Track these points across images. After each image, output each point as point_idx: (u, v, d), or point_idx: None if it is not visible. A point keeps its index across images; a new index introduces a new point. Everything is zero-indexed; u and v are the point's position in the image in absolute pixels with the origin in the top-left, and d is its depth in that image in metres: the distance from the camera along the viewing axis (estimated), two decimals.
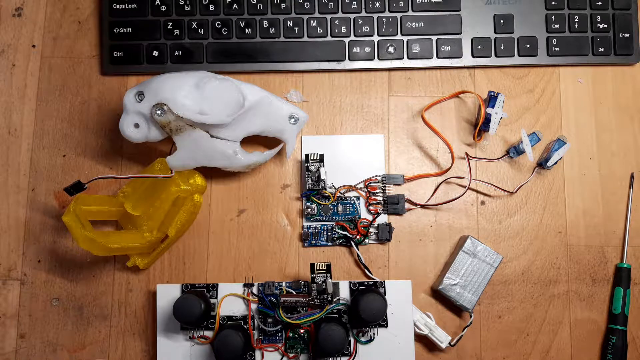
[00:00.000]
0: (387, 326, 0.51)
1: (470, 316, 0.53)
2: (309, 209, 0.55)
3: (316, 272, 0.49)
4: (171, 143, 0.51)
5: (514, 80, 0.58)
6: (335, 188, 0.55)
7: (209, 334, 0.51)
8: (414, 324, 0.52)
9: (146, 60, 0.57)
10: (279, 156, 0.57)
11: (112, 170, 0.57)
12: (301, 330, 0.51)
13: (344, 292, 0.52)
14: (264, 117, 0.52)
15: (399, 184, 0.56)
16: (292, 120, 0.53)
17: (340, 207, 0.55)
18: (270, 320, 0.51)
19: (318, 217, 0.55)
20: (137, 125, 0.50)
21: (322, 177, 0.54)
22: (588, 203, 0.57)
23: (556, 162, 0.54)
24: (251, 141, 0.56)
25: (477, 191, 0.57)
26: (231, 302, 0.52)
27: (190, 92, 0.49)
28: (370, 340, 0.51)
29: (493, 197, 0.57)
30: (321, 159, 0.54)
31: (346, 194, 0.56)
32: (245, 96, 0.51)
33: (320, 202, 0.55)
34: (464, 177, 0.56)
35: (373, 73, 0.58)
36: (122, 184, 0.56)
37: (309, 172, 0.54)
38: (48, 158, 0.57)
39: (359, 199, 0.55)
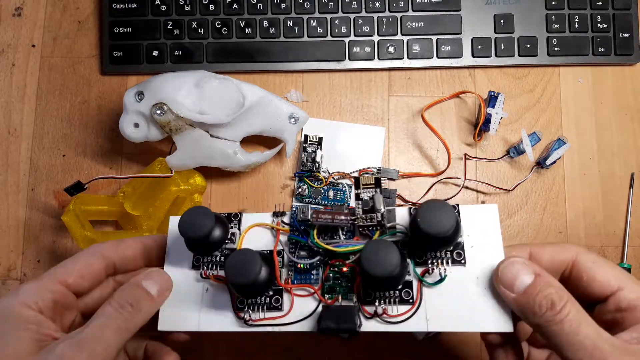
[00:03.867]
0: (464, 263, 0.36)
1: None
2: (300, 190, 0.55)
3: (361, 187, 0.38)
4: (171, 143, 0.51)
5: (514, 80, 0.58)
6: (329, 173, 0.55)
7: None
8: None
9: (146, 60, 0.57)
10: (279, 156, 0.57)
11: (112, 170, 0.57)
12: (344, 268, 0.38)
13: (402, 221, 0.39)
14: (264, 116, 0.52)
15: (393, 179, 0.56)
16: (292, 120, 0.53)
17: (331, 193, 0.55)
18: (303, 252, 0.40)
19: (308, 199, 0.55)
20: (137, 125, 0.50)
21: (318, 159, 0.54)
22: (588, 203, 0.57)
23: (555, 161, 0.54)
24: (251, 141, 0.56)
25: (477, 191, 0.57)
26: (257, 235, 0.41)
27: (190, 91, 0.49)
28: (441, 280, 0.36)
29: (493, 197, 0.57)
30: (319, 142, 0.54)
31: (339, 181, 0.56)
32: (245, 96, 0.51)
33: (312, 185, 0.55)
34: (458, 178, 0.56)
35: (373, 73, 0.58)
36: (122, 183, 0.56)
37: (306, 153, 0.54)
38: (48, 158, 0.57)
39: (350, 187, 0.55)
